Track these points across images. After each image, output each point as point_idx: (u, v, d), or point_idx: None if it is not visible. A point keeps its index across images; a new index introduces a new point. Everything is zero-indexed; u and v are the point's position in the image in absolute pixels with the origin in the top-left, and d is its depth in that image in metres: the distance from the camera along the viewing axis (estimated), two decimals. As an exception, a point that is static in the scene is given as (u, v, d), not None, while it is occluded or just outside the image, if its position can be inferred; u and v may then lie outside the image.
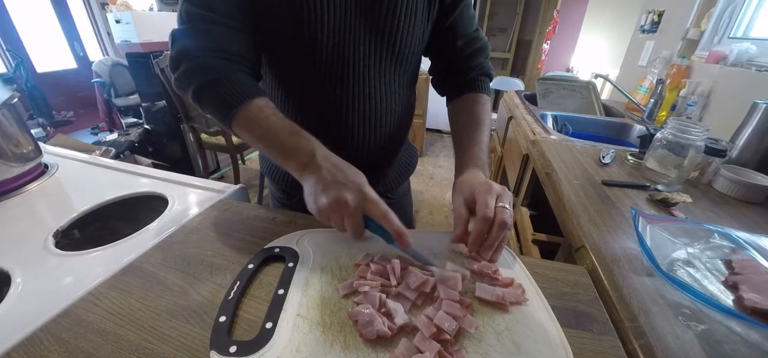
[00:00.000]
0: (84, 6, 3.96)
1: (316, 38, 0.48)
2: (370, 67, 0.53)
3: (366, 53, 0.52)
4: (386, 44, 0.52)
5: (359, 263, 0.43)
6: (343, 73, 0.52)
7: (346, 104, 0.55)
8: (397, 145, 0.67)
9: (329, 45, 0.49)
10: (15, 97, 0.67)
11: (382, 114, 0.58)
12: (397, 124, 0.62)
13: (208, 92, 0.45)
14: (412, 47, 0.55)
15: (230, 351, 0.31)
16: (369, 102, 0.56)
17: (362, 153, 0.60)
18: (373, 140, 0.60)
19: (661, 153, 0.77)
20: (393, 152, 0.66)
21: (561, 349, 0.33)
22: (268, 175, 0.68)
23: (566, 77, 1.63)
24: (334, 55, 0.50)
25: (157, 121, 2.62)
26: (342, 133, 0.57)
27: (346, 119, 0.56)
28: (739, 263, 0.48)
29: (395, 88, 0.58)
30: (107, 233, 0.62)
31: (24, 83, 2.79)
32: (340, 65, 0.52)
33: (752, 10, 1.24)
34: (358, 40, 0.51)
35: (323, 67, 0.51)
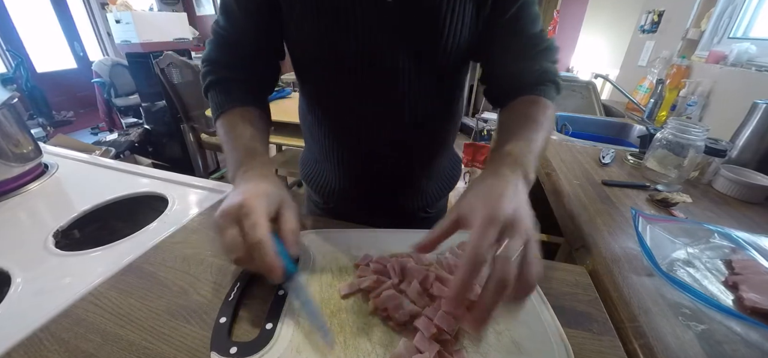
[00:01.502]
0: (84, 6, 3.96)
1: (347, 49, 0.46)
2: (409, 78, 0.49)
3: (405, 62, 0.47)
4: (428, 52, 0.47)
5: (359, 263, 0.43)
6: (381, 84, 0.49)
7: (385, 117, 0.52)
8: (440, 157, 0.62)
9: (362, 57, 0.47)
10: (15, 97, 0.67)
11: (422, 128, 0.54)
12: (440, 136, 0.59)
13: (209, 95, 0.52)
14: (457, 54, 0.48)
15: (231, 352, 0.31)
16: (410, 114, 0.52)
17: (401, 166, 0.59)
18: (413, 154, 0.57)
19: (661, 153, 0.77)
20: (434, 165, 0.62)
21: (561, 349, 0.33)
22: (305, 181, 0.69)
23: (566, 77, 1.64)
24: (365, 65, 0.47)
25: (157, 121, 2.62)
26: (380, 145, 0.55)
27: (383, 133, 0.54)
28: (739, 263, 0.48)
29: (438, 98, 0.53)
30: (107, 233, 0.62)
31: (24, 83, 2.79)
32: (377, 74, 0.48)
33: (752, 10, 1.25)
34: (395, 51, 0.46)
35: (355, 79, 0.49)
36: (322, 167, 0.64)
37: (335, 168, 0.61)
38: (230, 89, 0.50)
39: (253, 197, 0.35)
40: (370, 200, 0.64)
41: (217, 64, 0.51)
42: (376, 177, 0.60)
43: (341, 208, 0.65)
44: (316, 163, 0.65)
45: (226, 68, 0.51)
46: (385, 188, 0.62)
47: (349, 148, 0.58)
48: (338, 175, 0.61)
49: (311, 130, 0.61)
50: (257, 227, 0.33)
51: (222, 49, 0.51)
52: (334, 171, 0.61)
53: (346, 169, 0.60)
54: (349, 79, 0.49)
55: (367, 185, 0.62)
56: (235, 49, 0.50)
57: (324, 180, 0.64)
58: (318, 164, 0.65)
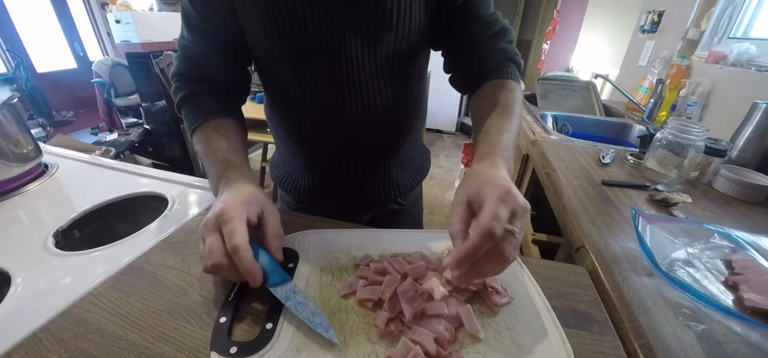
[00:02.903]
0: (84, 6, 3.96)
1: (298, 36, 0.46)
2: (364, 65, 0.49)
3: (358, 50, 0.48)
4: (380, 39, 0.47)
5: (359, 263, 0.43)
6: (336, 73, 0.49)
7: (343, 107, 0.52)
8: (404, 146, 0.62)
9: (315, 42, 0.46)
10: (15, 97, 0.67)
11: (382, 114, 0.54)
12: (402, 124, 0.59)
13: (182, 111, 0.52)
14: (410, 40, 0.49)
15: (231, 352, 0.31)
16: (367, 103, 0.52)
17: (366, 156, 0.59)
18: (377, 143, 0.58)
19: (661, 153, 0.77)
20: (400, 155, 0.63)
21: (561, 349, 0.33)
22: (276, 183, 0.69)
23: (566, 77, 1.63)
24: (322, 53, 0.47)
25: (157, 121, 2.62)
26: (342, 137, 0.56)
27: (344, 123, 0.54)
28: (739, 263, 0.48)
29: (396, 86, 0.53)
30: (107, 233, 0.62)
31: (24, 83, 2.79)
32: (331, 64, 0.48)
33: (752, 11, 1.24)
34: (347, 36, 0.46)
35: (314, 69, 0.49)
36: (290, 167, 0.64)
37: (303, 166, 0.61)
38: (202, 103, 0.50)
39: (231, 205, 0.36)
40: (341, 194, 0.63)
41: (186, 79, 0.51)
42: (344, 170, 0.60)
43: (314, 206, 0.64)
44: (285, 164, 0.65)
45: (196, 82, 0.51)
46: (354, 179, 0.62)
47: (313, 143, 0.58)
48: (307, 173, 0.62)
49: (276, 130, 0.62)
50: (235, 233, 0.34)
51: (189, 62, 0.51)
52: (302, 170, 0.62)
53: (313, 166, 0.61)
54: (305, 71, 0.49)
55: (337, 179, 0.62)
56: (201, 59, 0.50)
57: (293, 180, 0.64)
58: (287, 165, 0.65)
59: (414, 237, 0.49)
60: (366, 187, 0.63)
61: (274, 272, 0.37)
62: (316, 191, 0.63)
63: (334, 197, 0.64)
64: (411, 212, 0.72)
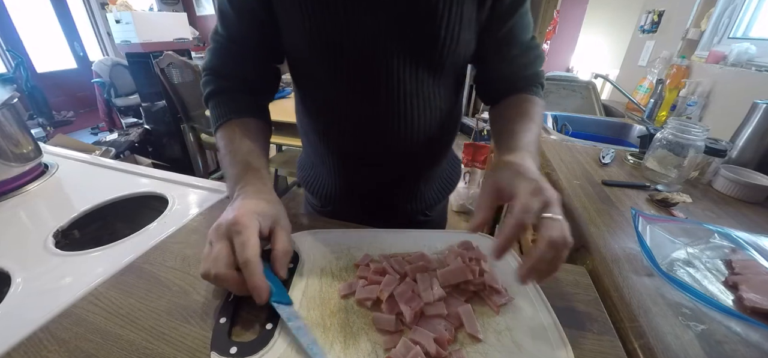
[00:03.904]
0: (84, 6, 3.96)
1: (340, 44, 0.45)
2: (405, 80, 0.48)
3: (400, 65, 0.46)
4: (425, 56, 0.46)
5: (359, 263, 0.43)
6: (374, 86, 0.48)
7: (379, 118, 0.51)
8: (438, 160, 0.61)
9: (356, 53, 0.45)
10: (15, 97, 0.67)
11: (419, 129, 0.52)
12: (438, 139, 0.57)
13: (208, 105, 0.52)
14: (456, 58, 0.48)
15: (231, 352, 0.31)
16: (404, 117, 0.51)
17: (397, 169, 0.58)
18: (410, 156, 0.56)
19: (661, 153, 0.77)
20: (433, 168, 0.62)
21: (561, 348, 0.33)
22: (302, 184, 0.68)
23: (566, 77, 1.63)
24: (361, 65, 0.46)
25: (157, 121, 2.62)
26: (375, 147, 0.54)
27: (378, 134, 0.53)
28: (739, 263, 0.48)
29: (436, 101, 0.52)
30: (107, 233, 0.62)
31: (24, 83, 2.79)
32: (370, 77, 0.47)
33: (752, 11, 1.25)
34: (391, 49, 0.45)
35: (351, 80, 0.48)
36: (318, 171, 0.64)
37: (332, 172, 0.61)
38: (229, 100, 0.50)
39: (246, 215, 0.36)
40: (367, 204, 0.63)
41: (216, 74, 0.51)
42: (373, 181, 0.60)
43: (339, 211, 0.64)
44: (313, 167, 0.65)
45: (226, 78, 0.51)
46: (382, 192, 0.61)
47: (345, 152, 0.57)
48: (335, 180, 0.61)
49: (307, 134, 0.61)
50: (247, 245, 0.34)
51: (221, 56, 0.51)
52: (330, 175, 0.61)
53: (342, 174, 0.60)
54: (343, 80, 0.48)
55: (365, 189, 0.62)
56: (233, 55, 0.50)
57: (321, 184, 0.64)
58: (314, 168, 0.64)
59: (414, 237, 0.49)
60: (394, 199, 0.62)
61: (277, 293, 0.36)
62: (343, 196, 0.62)
63: (361, 204, 0.63)
64: (436, 221, 0.72)
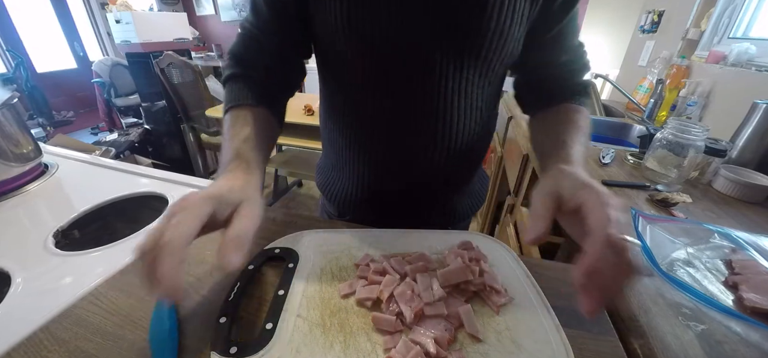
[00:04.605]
0: (84, 6, 3.96)
1: (374, 37, 0.42)
2: (446, 77, 0.44)
3: (442, 60, 0.43)
4: (471, 50, 0.42)
5: (359, 263, 0.43)
6: (412, 82, 0.45)
7: (415, 119, 0.48)
8: (472, 169, 0.58)
9: (394, 45, 0.42)
10: (15, 97, 0.67)
11: (455, 134, 0.49)
12: (472, 148, 0.53)
13: (225, 89, 0.50)
14: (503, 56, 0.44)
15: (231, 352, 0.31)
16: (439, 122, 0.47)
17: (427, 176, 0.54)
18: (442, 163, 0.52)
19: (661, 153, 0.77)
20: (465, 178, 0.58)
21: (561, 349, 0.33)
22: (320, 189, 0.65)
23: (566, 77, 1.63)
24: (399, 58, 0.43)
25: (157, 121, 2.63)
26: (406, 151, 0.51)
27: (410, 137, 0.49)
28: (739, 263, 0.48)
29: (478, 102, 0.48)
30: (107, 233, 0.62)
31: (24, 83, 2.79)
32: (408, 72, 0.44)
33: (752, 11, 1.25)
34: (434, 42, 0.42)
35: (388, 75, 0.45)
36: (340, 176, 0.59)
37: (355, 178, 0.57)
38: (243, 86, 0.48)
39: (195, 197, 0.31)
40: (391, 214, 0.57)
41: (238, 60, 0.50)
42: (400, 190, 0.56)
43: (359, 220, 0.59)
44: (334, 170, 0.61)
45: (248, 66, 0.49)
46: (408, 201, 0.57)
47: (373, 157, 0.54)
48: (357, 186, 0.57)
49: (331, 137, 0.57)
50: (177, 227, 0.27)
51: (246, 44, 0.49)
52: (353, 181, 0.57)
53: (367, 180, 0.56)
54: (380, 75, 0.45)
55: (390, 198, 0.57)
56: (258, 46, 0.49)
57: (341, 189, 0.59)
58: (335, 172, 0.60)
59: (414, 237, 0.49)
60: (420, 210, 0.58)
61: (160, 345, 0.32)
62: (365, 205, 0.58)
63: (383, 213, 0.58)
64: None
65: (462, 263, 0.40)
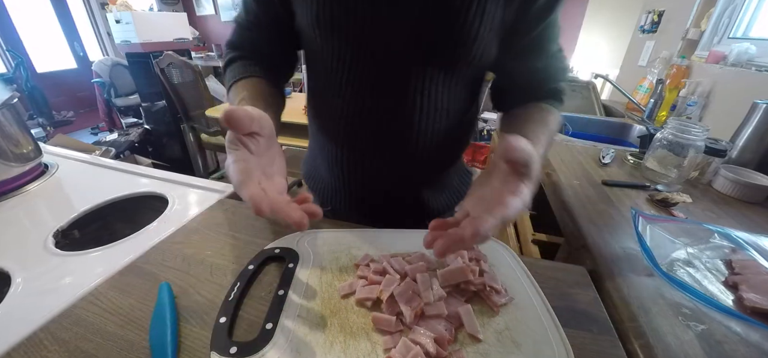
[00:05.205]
0: (84, 6, 3.96)
1: (355, 37, 0.43)
2: (423, 78, 0.45)
3: (419, 61, 0.44)
4: (437, 51, 0.43)
5: (359, 263, 0.43)
6: (383, 80, 0.46)
7: (385, 117, 0.49)
8: (444, 167, 0.59)
9: (367, 45, 0.43)
10: (15, 97, 0.67)
11: (433, 131, 0.50)
12: (451, 144, 0.55)
13: (227, 72, 0.52)
14: (472, 59, 0.44)
15: (230, 352, 0.31)
16: (419, 118, 0.48)
17: (407, 173, 0.55)
18: (421, 160, 0.53)
19: (661, 153, 0.77)
20: (438, 175, 0.59)
21: (561, 349, 0.33)
22: (305, 180, 0.68)
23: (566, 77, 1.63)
24: (372, 57, 0.45)
25: (157, 121, 2.63)
26: (386, 148, 0.52)
27: (391, 134, 0.50)
28: (739, 263, 0.48)
29: (443, 103, 0.48)
30: (107, 233, 0.62)
31: (24, 83, 2.79)
32: (387, 72, 0.45)
33: (752, 11, 1.24)
34: (404, 43, 0.43)
35: (360, 71, 0.46)
36: (321, 168, 0.62)
37: (334, 170, 0.58)
38: (243, 65, 0.51)
39: (238, 170, 0.31)
40: (370, 208, 0.61)
41: (234, 47, 0.53)
42: (376, 185, 0.57)
43: (339, 212, 0.63)
44: (316, 163, 0.64)
45: (246, 50, 0.52)
46: (385, 196, 0.59)
47: (350, 151, 0.55)
48: (337, 179, 0.59)
49: (315, 131, 0.60)
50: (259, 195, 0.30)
51: (240, 35, 0.53)
52: (332, 173, 0.59)
53: (346, 173, 0.57)
54: (353, 71, 0.46)
55: (367, 192, 0.59)
56: (252, 36, 0.52)
57: (322, 181, 0.63)
58: (317, 165, 0.63)
59: (414, 237, 0.49)
60: (397, 204, 0.60)
61: (160, 345, 0.33)
62: (344, 197, 0.60)
63: (361, 206, 0.61)
64: None
65: (462, 263, 0.40)
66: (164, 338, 0.33)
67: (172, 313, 0.36)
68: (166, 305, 0.37)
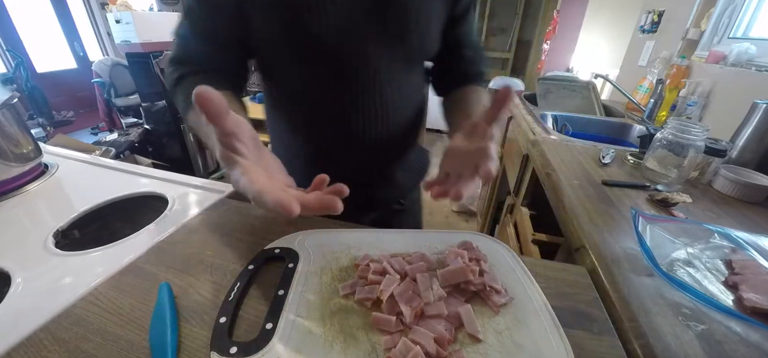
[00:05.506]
0: (84, 6, 3.96)
1: (319, 36, 0.46)
2: (380, 69, 0.51)
3: (376, 54, 0.50)
4: (399, 43, 0.50)
5: (359, 263, 0.43)
6: (351, 75, 0.50)
7: (356, 108, 0.53)
8: (408, 148, 0.65)
9: (334, 44, 0.47)
10: (15, 97, 0.67)
11: (391, 116, 0.55)
12: (408, 127, 0.61)
13: (177, 91, 0.49)
14: (426, 46, 0.54)
15: (230, 352, 0.31)
16: (380, 105, 0.53)
17: (372, 156, 0.59)
18: (384, 143, 0.58)
19: (661, 153, 0.77)
20: (404, 156, 0.65)
21: (561, 349, 0.33)
22: None
23: (566, 77, 1.63)
24: (339, 55, 0.49)
25: (157, 121, 2.62)
26: (351, 135, 0.55)
27: (354, 122, 0.54)
28: (739, 263, 0.48)
29: (406, 90, 0.56)
30: (107, 233, 0.62)
31: (24, 83, 2.79)
32: (348, 66, 0.50)
33: (752, 11, 1.25)
34: (366, 39, 0.48)
35: (329, 68, 0.50)
36: (291, 166, 0.61)
37: (305, 163, 0.59)
38: (198, 81, 0.46)
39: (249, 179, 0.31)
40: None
41: (182, 63, 0.49)
42: (349, 169, 0.57)
43: None
44: (287, 163, 0.62)
45: (192, 65, 0.49)
46: (358, 178, 0.59)
47: (321, 143, 0.58)
48: (308, 170, 0.57)
49: (277, 129, 0.61)
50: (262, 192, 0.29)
51: (187, 49, 0.50)
52: (303, 167, 0.58)
53: (317, 164, 0.57)
54: (321, 70, 0.50)
55: (340, 177, 0.60)
56: (200, 48, 0.49)
57: (292, 176, 0.62)
58: (288, 164, 0.62)
59: (414, 237, 0.49)
60: (371, 188, 0.63)
61: (160, 345, 0.33)
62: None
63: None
64: (411, 211, 0.74)
65: (462, 263, 0.40)
66: (164, 338, 0.33)
67: (172, 313, 0.36)
68: (166, 305, 0.37)
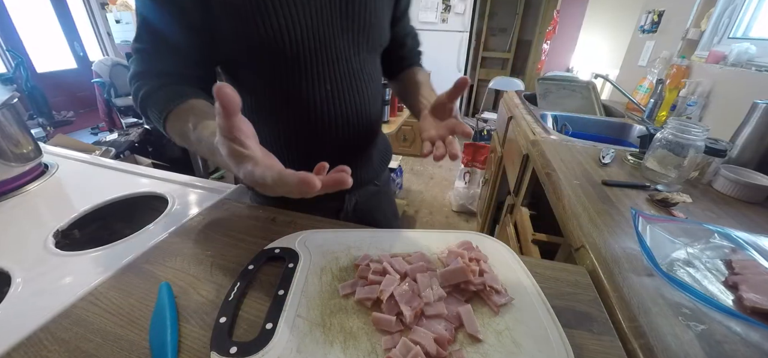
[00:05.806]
0: (84, 6, 3.96)
1: (299, 40, 0.50)
2: (351, 60, 0.56)
3: (346, 46, 0.55)
4: (363, 36, 0.56)
5: (359, 263, 0.43)
6: (330, 69, 0.54)
7: (333, 98, 0.56)
8: (377, 130, 0.71)
9: (313, 45, 0.51)
10: (15, 97, 0.67)
11: (366, 102, 0.61)
12: (378, 109, 0.69)
13: (147, 107, 0.47)
14: (383, 36, 0.61)
15: (230, 352, 0.31)
16: (356, 93, 0.59)
17: (352, 142, 0.63)
18: (361, 128, 0.63)
19: (661, 153, 0.77)
20: (374, 138, 0.70)
21: (561, 349, 0.33)
22: (255, 186, 0.67)
23: (566, 77, 1.63)
24: (318, 53, 0.52)
25: (157, 122, 2.62)
26: (333, 126, 0.58)
27: (336, 113, 0.58)
28: (739, 263, 0.48)
29: (374, 75, 0.63)
30: (107, 233, 0.62)
31: (24, 83, 2.79)
32: (326, 62, 0.54)
33: (752, 11, 1.24)
34: (338, 34, 0.53)
35: (309, 67, 0.53)
36: (283, 159, 0.61)
37: (284, 159, 0.57)
38: (168, 93, 0.46)
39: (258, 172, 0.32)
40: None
41: (147, 76, 0.48)
42: (326, 156, 0.58)
43: (289, 202, 0.60)
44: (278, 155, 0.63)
45: (160, 76, 0.47)
46: (346, 162, 0.60)
47: (300, 137, 0.59)
48: (287, 164, 0.59)
49: (263, 133, 0.59)
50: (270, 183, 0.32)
51: (150, 60, 0.48)
52: (299, 159, 0.60)
53: (300, 158, 0.60)
54: (298, 68, 0.52)
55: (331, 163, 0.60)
56: (163, 57, 0.47)
57: None
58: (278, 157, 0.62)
59: (414, 237, 0.49)
60: (355, 169, 0.63)
61: (160, 345, 0.33)
62: None
63: None
64: (386, 191, 0.80)
65: (462, 263, 0.40)
66: (164, 338, 0.33)
67: (172, 313, 0.36)
68: (166, 305, 0.37)
